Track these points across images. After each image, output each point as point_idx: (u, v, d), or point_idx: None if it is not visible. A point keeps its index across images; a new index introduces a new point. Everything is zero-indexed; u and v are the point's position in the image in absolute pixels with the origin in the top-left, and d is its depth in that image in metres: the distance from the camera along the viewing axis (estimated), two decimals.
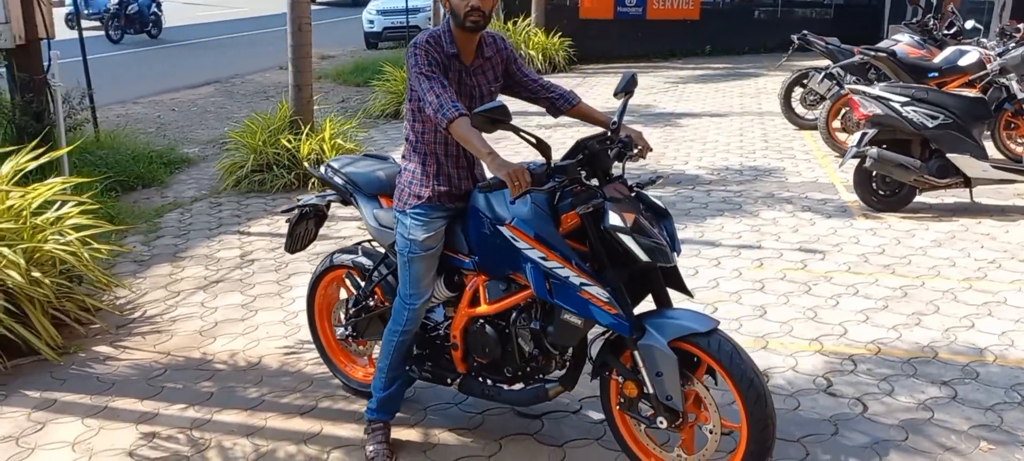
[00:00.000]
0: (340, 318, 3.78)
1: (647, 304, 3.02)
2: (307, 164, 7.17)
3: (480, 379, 3.31)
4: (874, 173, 6.29)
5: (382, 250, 3.53)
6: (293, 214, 3.73)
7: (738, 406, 2.80)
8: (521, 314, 3.08)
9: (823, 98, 8.73)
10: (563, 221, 2.87)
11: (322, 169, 3.72)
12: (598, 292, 2.79)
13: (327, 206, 3.75)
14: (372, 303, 3.60)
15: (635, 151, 3.04)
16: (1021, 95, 7.00)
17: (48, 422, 3.69)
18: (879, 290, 4.90)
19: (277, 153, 7.43)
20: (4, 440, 3.55)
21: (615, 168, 2.98)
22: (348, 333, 3.70)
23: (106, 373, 4.15)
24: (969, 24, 9.12)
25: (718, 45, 16.79)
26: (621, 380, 3.01)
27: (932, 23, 9.05)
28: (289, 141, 7.47)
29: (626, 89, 3.09)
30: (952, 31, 8.99)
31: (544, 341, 3.06)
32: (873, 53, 8.05)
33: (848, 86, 7.02)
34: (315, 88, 8.71)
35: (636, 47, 16.26)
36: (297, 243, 3.78)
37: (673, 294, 3.02)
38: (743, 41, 16.88)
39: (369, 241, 3.71)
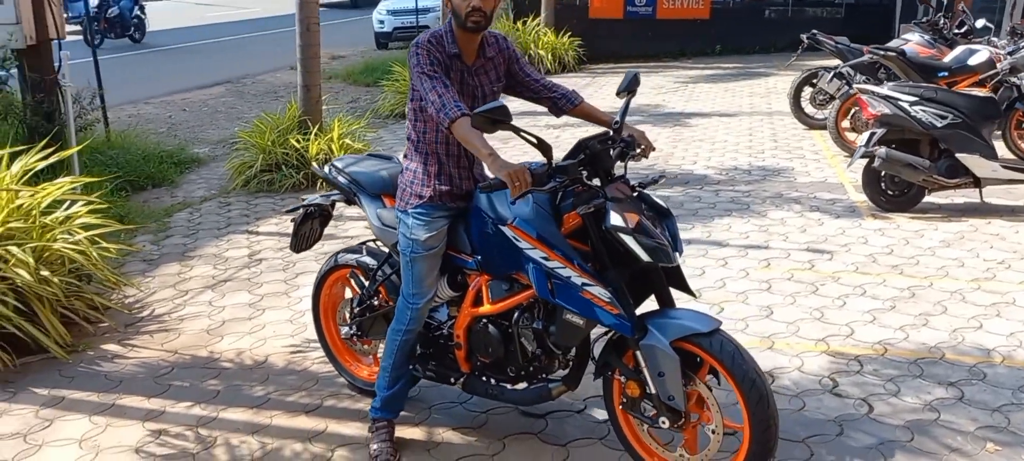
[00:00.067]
0: (345, 317, 3.80)
1: (650, 304, 3.02)
2: (315, 164, 7.20)
3: (484, 378, 3.32)
4: (883, 173, 6.26)
5: (386, 249, 3.54)
6: (298, 214, 3.75)
7: (740, 406, 2.80)
8: (523, 314, 3.09)
9: (833, 98, 8.68)
10: (565, 221, 2.88)
11: (326, 169, 3.73)
12: (600, 292, 2.79)
13: (332, 206, 3.76)
14: (376, 302, 3.61)
15: (638, 151, 3.04)
16: None
17: (56, 419, 3.73)
18: (887, 290, 4.87)
19: (286, 153, 7.47)
20: (12, 437, 3.59)
21: (618, 168, 2.98)
22: (353, 332, 3.72)
23: (114, 371, 4.18)
24: (980, 23, 9.06)
25: (728, 45, 16.71)
26: (623, 380, 3.01)
27: (942, 22, 9.00)
28: (298, 141, 7.50)
29: (629, 88, 3.10)
30: (963, 30, 8.93)
31: (547, 341, 3.07)
32: (882, 52, 8.01)
33: (856, 85, 6.99)
34: (325, 88, 8.75)
35: (646, 47, 16.22)
36: (302, 243, 3.80)
37: (677, 294, 3.03)
38: (753, 40, 16.79)
39: (373, 240, 3.72)
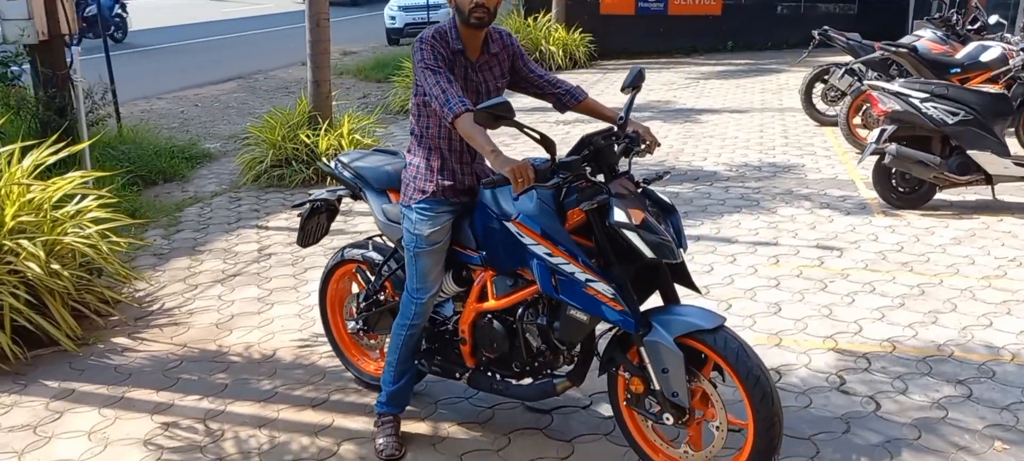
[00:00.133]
0: (351, 312, 3.81)
1: (655, 300, 3.02)
2: (324, 159, 7.22)
3: (489, 374, 3.33)
4: (893, 170, 6.21)
5: (392, 245, 3.55)
6: (304, 209, 3.77)
7: (744, 403, 2.79)
8: (528, 310, 3.09)
9: (844, 94, 8.63)
10: (569, 217, 2.88)
11: (332, 164, 3.74)
12: (603, 288, 2.79)
13: (338, 201, 3.77)
14: (382, 297, 3.63)
15: (643, 146, 3.04)
16: None
17: (65, 412, 3.76)
18: (896, 288, 4.85)
19: (296, 148, 7.50)
20: (22, 429, 3.62)
21: (622, 164, 2.98)
22: (359, 327, 3.74)
23: (123, 364, 4.21)
24: (993, 19, 8.98)
25: (740, 41, 16.60)
26: (628, 376, 3.00)
27: (955, 18, 8.92)
28: (308, 136, 7.52)
29: (633, 84, 3.09)
30: (976, 26, 8.85)
31: (551, 337, 3.07)
32: (894, 49, 7.95)
33: (867, 82, 6.94)
34: (337, 84, 8.78)
35: (657, 43, 16.16)
36: (309, 237, 3.81)
37: (682, 291, 3.02)
38: (765, 37, 16.68)
39: (380, 235, 3.73)
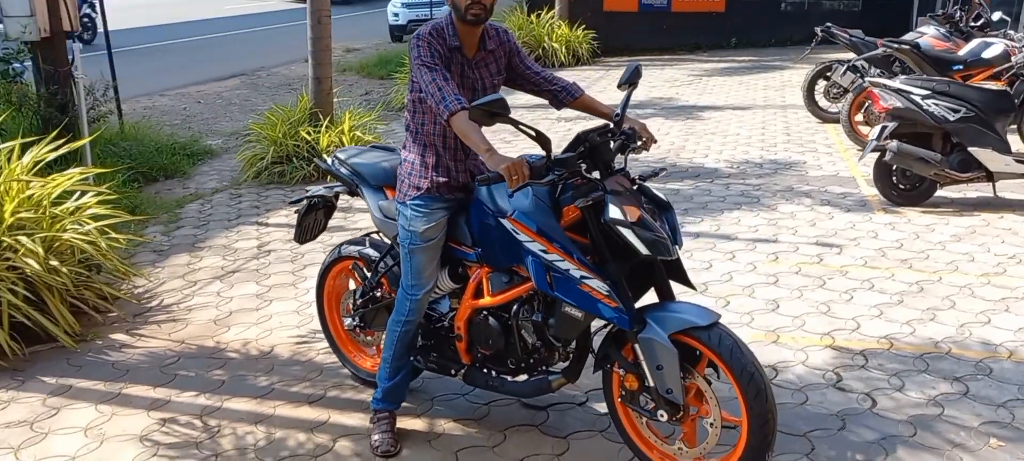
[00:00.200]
0: (348, 308, 3.82)
1: (651, 297, 3.01)
2: (323, 156, 7.23)
3: (485, 370, 3.33)
4: (894, 167, 6.20)
5: (388, 241, 3.55)
6: (301, 205, 3.77)
7: (739, 400, 2.79)
8: (523, 306, 3.09)
9: (846, 91, 8.62)
10: (564, 214, 2.88)
11: (329, 160, 3.74)
12: (598, 285, 2.79)
13: (336, 197, 3.78)
14: (379, 294, 3.63)
15: (639, 143, 3.04)
16: None
17: (62, 407, 3.77)
18: (895, 285, 4.84)
19: (297, 145, 7.51)
20: (19, 424, 3.63)
21: (618, 160, 2.97)
22: (356, 323, 3.74)
23: (121, 360, 4.22)
24: (996, 16, 8.95)
25: (744, 38, 16.58)
26: (622, 373, 3.00)
27: (959, 15, 8.90)
28: (309, 133, 7.53)
29: (630, 81, 3.09)
30: (979, 23, 8.83)
31: (546, 333, 3.07)
32: (896, 45, 7.93)
33: (869, 79, 6.93)
34: (339, 81, 8.79)
35: (660, 39, 16.14)
36: (306, 234, 3.82)
37: (678, 288, 3.02)
38: (769, 34, 16.65)
39: (376, 232, 3.73)
